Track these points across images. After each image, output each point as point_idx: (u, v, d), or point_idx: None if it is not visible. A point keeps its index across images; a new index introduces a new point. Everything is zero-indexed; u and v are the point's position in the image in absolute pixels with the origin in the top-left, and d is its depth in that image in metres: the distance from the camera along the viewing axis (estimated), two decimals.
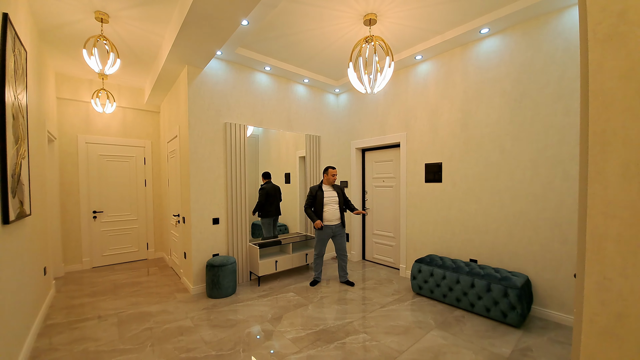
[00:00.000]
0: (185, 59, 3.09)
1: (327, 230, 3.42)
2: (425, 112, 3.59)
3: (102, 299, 3.15)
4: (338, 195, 3.50)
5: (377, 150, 4.39)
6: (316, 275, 3.58)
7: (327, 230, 3.42)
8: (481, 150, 3.06)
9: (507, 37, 2.88)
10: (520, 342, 2.26)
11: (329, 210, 3.42)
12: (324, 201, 3.42)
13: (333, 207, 3.44)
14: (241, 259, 3.58)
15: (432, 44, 3.23)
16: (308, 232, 4.33)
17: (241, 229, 3.57)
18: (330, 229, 3.43)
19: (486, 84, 3.02)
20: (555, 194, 2.56)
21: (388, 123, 4.04)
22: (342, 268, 3.56)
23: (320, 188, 3.48)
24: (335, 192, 3.52)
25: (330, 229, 3.43)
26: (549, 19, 2.60)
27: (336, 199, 3.48)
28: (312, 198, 3.47)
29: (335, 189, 3.53)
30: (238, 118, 3.63)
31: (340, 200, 3.49)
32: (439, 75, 3.44)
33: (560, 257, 2.55)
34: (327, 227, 3.41)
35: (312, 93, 4.49)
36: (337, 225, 3.45)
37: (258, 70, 3.83)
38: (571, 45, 2.49)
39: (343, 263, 3.54)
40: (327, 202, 3.43)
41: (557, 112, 2.56)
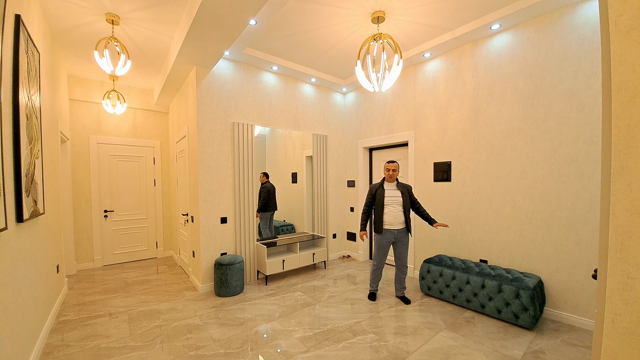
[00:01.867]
0: (193, 60, 3.11)
1: (387, 235, 2.92)
2: (434, 110, 3.54)
3: (113, 297, 3.20)
4: (402, 196, 2.96)
5: (385, 149, 4.35)
6: (372, 287, 3.11)
7: (387, 235, 2.92)
8: (492, 148, 3.01)
9: (518, 33, 2.82)
10: (533, 344, 2.21)
11: (390, 212, 2.92)
12: (384, 201, 2.93)
13: (395, 209, 2.92)
14: (249, 258, 3.59)
15: (442, 41, 3.19)
16: (315, 232, 4.32)
17: (249, 228, 3.59)
18: (391, 233, 2.92)
19: (497, 81, 2.97)
20: (570, 193, 2.50)
21: (396, 122, 4.01)
22: (399, 280, 3.06)
23: (381, 186, 3.02)
24: (399, 191, 2.98)
25: (392, 234, 2.92)
26: (562, 14, 2.54)
27: (399, 199, 2.94)
28: (371, 197, 3.02)
29: (399, 187, 3.00)
30: (246, 118, 3.65)
31: (405, 202, 2.95)
32: (448, 72, 3.39)
33: (575, 258, 2.48)
34: (387, 231, 2.92)
35: (319, 92, 4.49)
36: (400, 230, 2.94)
37: (265, 70, 3.84)
38: (585, 41, 2.42)
39: (402, 275, 3.04)
40: (388, 203, 2.93)
41: (572, 108, 2.49)
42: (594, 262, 2.38)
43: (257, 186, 3.75)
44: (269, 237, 3.91)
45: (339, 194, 4.75)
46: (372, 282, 3.10)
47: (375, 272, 3.06)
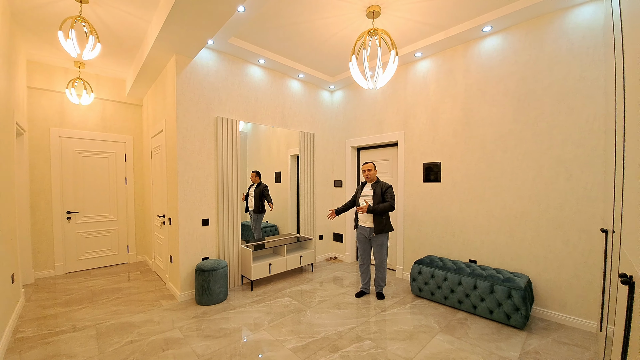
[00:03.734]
0: (173, 47, 2.85)
1: (362, 231, 3.08)
2: (425, 110, 3.52)
3: (77, 309, 2.86)
4: (374, 195, 2.96)
5: (374, 149, 4.29)
6: (361, 286, 3.23)
7: (362, 231, 3.08)
8: (483, 149, 3.02)
9: (510, 35, 2.84)
10: (526, 344, 2.21)
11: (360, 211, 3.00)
12: (357, 200, 3.13)
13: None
14: (233, 263, 3.37)
15: (434, 41, 3.16)
16: (301, 233, 4.17)
17: (233, 231, 3.37)
18: (365, 230, 3.05)
19: (489, 83, 2.98)
20: (558, 194, 2.55)
21: (385, 121, 3.95)
22: (376, 279, 3.15)
23: (363, 186, 3.17)
24: (372, 190, 3.02)
25: (365, 231, 3.05)
26: (553, 18, 2.58)
27: (370, 198, 2.98)
28: (354, 196, 3.25)
29: (373, 186, 3.04)
30: (230, 112, 3.42)
31: (375, 201, 2.94)
32: (439, 73, 3.38)
33: (562, 258, 2.53)
34: (361, 228, 3.09)
35: (306, 89, 4.34)
36: (370, 229, 3.01)
37: (251, 62, 3.63)
38: (574, 46, 2.47)
39: (378, 274, 3.11)
40: (361, 201, 3.07)
41: (561, 111, 2.54)
42: (580, 262, 2.44)
43: (242, 185, 3.54)
44: (254, 239, 3.70)
45: (326, 194, 4.63)
46: (361, 280, 3.26)
47: (361, 269, 3.22)
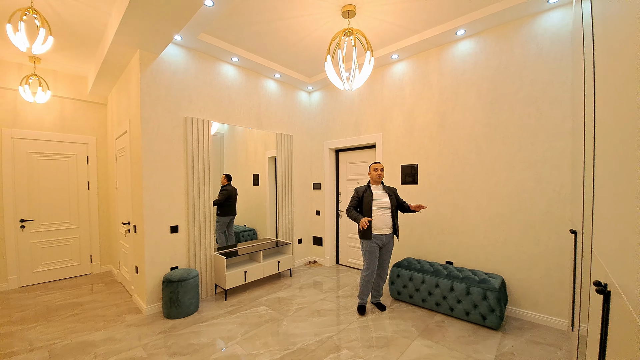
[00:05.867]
0: (136, 42, 2.66)
1: (376, 240, 2.72)
2: (401, 112, 3.52)
3: (32, 327, 2.59)
4: (390, 198, 2.78)
5: (352, 151, 4.25)
6: (362, 300, 2.84)
7: (376, 240, 2.72)
8: (457, 152, 3.05)
9: (482, 40, 2.89)
10: (502, 345, 2.23)
11: (378, 216, 2.71)
12: (372, 204, 2.72)
13: (384, 213, 2.73)
14: (205, 271, 3.19)
15: (409, 43, 3.16)
16: (280, 238, 4.05)
17: (205, 238, 3.19)
18: (379, 239, 2.72)
19: (462, 86, 3.02)
20: (529, 196, 2.60)
21: (363, 123, 3.93)
22: (377, 287, 2.93)
23: (368, 188, 2.81)
24: (387, 194, 2.80)
25: (380, 240, 2.73)
26: (523, 23, 2.64)
27: (387, 202, 2.75)
28: (357, 200, 2.78)
29: (386, 190, 2.83)
30: (201, 113, 3.25)
31: (392, 205, 2.77)
32: (415, 75, 3.39)
33: (534, 258, 2.59)
34: (376, 236, 2.71)
35: (283, 89, 4.23)
36: (387, 235, 2.76)
37: (224, 60, 3.48)
38: (543, 51, 2.54)
39: (381, 282, 2.91)
40: (377, 206, 2.72)
41: (530, 115, 2.60)
42: (551, 262, 2.50)
43: (215, 190, 3.37)
44: (226, 244, 3.54)
45: (305, 196, 4.54)
46: (363, 294, 2.82)
47: (368, 283, 2.77)
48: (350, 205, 2.78)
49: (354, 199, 2.79)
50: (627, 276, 0.72)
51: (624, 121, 0.85)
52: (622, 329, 0.77)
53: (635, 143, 0.82)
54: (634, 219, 0.63)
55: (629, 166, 0.76)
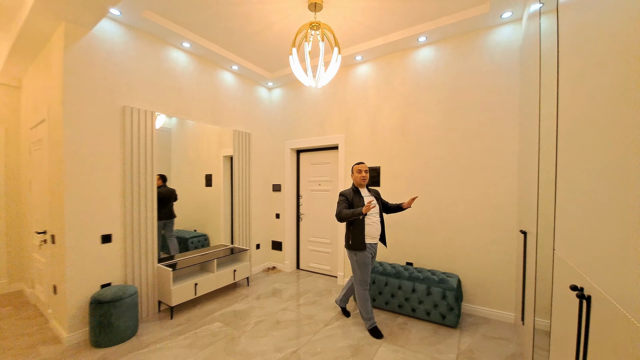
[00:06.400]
0: (61, 13, 2.17)
1: (370, 249, 2.45)
2: (365, 114, 3.50)
3: None
4: (378, 202, 2.55)
5: (314, 151, 4.13)
6: (372, 319, 2.47)
7: (370, 249, 2.45)
8: (419, 155, 3.12)
9: (442, 48, 3.00)
10: (461, 343, 2.29)
11: (371, 224, 2.44)
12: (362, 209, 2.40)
13: (376, 219, 2.49)
14: (146, 287, 2.75)
15: (374, 45, 3.15)
16: (236, 243, 3.74)
17: (146, 248, 2.76)
18: (372, 248, 2.47)
19: (424, 91, 3.10)
20: (484, 198, 2.76)
21: (326, 124, 3.83)
22: (350, 293, 2.74)
23: (357, 192, 2.51)
24: (374, 197, 2.55)
25: (373, 249, 2.48)
26: (478, 36, 2.80)
27: (377, 207, 2.50)
28: (347, 204, 2.46)
29: (372, 193, 2.59)
30: (144, 102, 2.81)
31: (380, 209, 2.56)
32: (378, 78, 3.40)
33: (489, 257, 2.74)
34: (369, 246, 2.45)
35: (242, 84, 3.93)
36: (376, 244, 2.53)
37: (173, 45, 3.08)
38: (495, 63, 2.71)
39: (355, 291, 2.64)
40: (370, 212, 2.45)
41: (486, 122, 2.76)
42: (501, 260, 2.67)
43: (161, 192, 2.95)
44: (177, 254, 3.13)
45: (264, 199, 4.28)
46: (368, 313, 2.46)
47: (367, 300, 2.46)
48: (341, 208, 2.43)
49: (342, 202, 2.45)
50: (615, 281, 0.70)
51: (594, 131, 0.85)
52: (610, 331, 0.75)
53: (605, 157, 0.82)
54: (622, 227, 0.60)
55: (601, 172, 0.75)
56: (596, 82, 0.88)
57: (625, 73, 0.70)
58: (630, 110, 0.66)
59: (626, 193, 0.68)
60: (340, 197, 2.50)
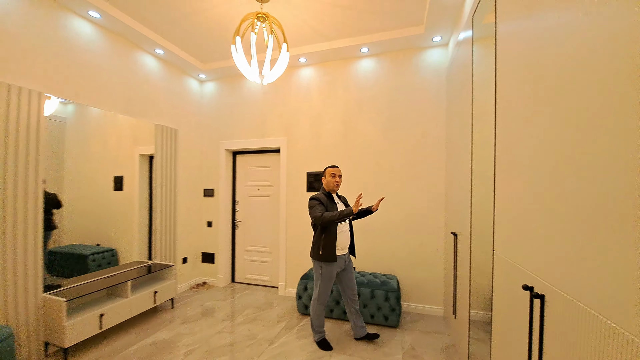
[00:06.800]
0: None
1: (339, 262, 2.26)
2: (308, 118, 3.43)
3: None
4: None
5: (253, 154, 3.85)
6: (321, 332, 2.35)
7: (339, 263, 2.26)
8: (360, 161, 3.20)
9: (382, 61, 3.17)
10: (404, 342, 2.40)
11: (343, 232, 2.28)
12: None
13: (346, 228, 2.33)
14: (26, 325, 2.03)
15: (319, 49, 3.12)
16: (156, 259, 3.15)
17: (25, 273, 2.05)
18: (342, 261, 2.29)
19: (365, 101, 3.21)
20: (415, 204, 2.99)
21: (267, 125, 3.61)
22: (357, 317, 2.39)
23: (330, 197, 2.31)
24: (343, 204, 2.40)
25: (342, 261, 2.30)
26: (412, 54, 3.05)
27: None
28: (324, 206, 2.24)
29: (342, 200, 2.42)
30: (28, 78, 2.11)
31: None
32: (322, 83, 3.38)
33: (421, 257, 2.98)
34: (340, 258, 2.27)
35: (168, 71, 3.39)
36: (346, 255, 2.35)
37: (76, 12, 2.42)
38: (426, 80, 3.00)
39: (357, 307, 2.39)
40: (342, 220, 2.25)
41: (416, 134, 3.01)
42: (433, 259, 2.93)
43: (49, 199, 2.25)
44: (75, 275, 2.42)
45: (193, 205, 3.76)
46: (319, 326, 2.34)
47: (321, 315, 2.32)
48: (321, 211, 2.19)
49: (319, 206, 2.22)
50: (571, 280, 0.77)
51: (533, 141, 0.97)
52: (567, 327, 0.83)
53: (535, 174, 0.94)
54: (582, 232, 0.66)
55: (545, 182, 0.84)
56: (532, 91, 1.00)
57: (559, 83, 0.84)
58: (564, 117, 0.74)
59: (554, 203, 0.83)
60: (314, 201, 2.26)
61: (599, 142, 0.69)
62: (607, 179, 0.66)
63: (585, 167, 0.74)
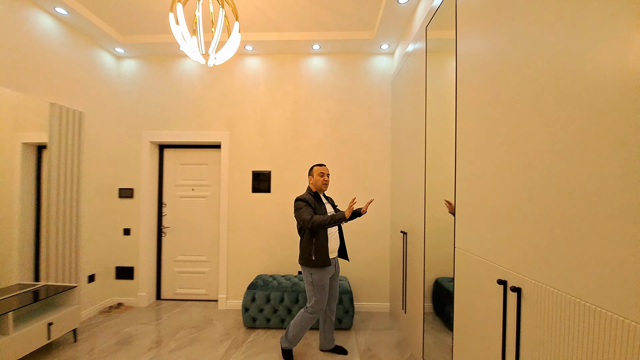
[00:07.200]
0: None
1: (330, 267, 2.10)
2: (254, 112, 3.16)
3: None
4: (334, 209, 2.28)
5: (186, 149, 3.33)
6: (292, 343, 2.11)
7: (330, 268, 2.10)
8: (310, 161, 3.10)
9: (332, 60, 3.14)
10: (359, 343, 2.39)
11: (333, 235, 2.15)
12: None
13: (335, 230, 2.20)
14: None
15: (269, 39, 2.91)
16: (51, 280, 2.40)
17: None
18: (333, 264, 2.13)
19: (314, 99, 3.13)
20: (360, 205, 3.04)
21: (205, 117, 3.18)
22: (330, 327, 2.24)
23: (317, 198, 2.16)
24: (331, 205, 2.27)
25: (333, 265, 2.15)
26: (362, 58, 3.12)
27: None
28: (312, 208, 2.07)
29: (330, 201, 2.30)
30: None
31: None
32: (270, 77, 3.16)
33: (369, 256, 3.05)
34: (333, 260, 2.16)
35: (73, 39, 2.65)
36: (336, 258, 2.22)
37: None
38: (374, 86, 3.11)
39: (333, 317, 2.24)
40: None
41: (364, 135, 3.09)
42: (380, 258, 3.03)
43: None
44: None
45: (104, 209, 3.02)
46: (296, 338, 2.10)
47: (308, 327, 2.09)
48: (310, 213, 2.03)
49: (307, 208, 2.06)
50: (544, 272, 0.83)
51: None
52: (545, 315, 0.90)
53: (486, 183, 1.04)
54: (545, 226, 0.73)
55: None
56: (491, 98, 1.09)
57: (515, 93, 0.98)
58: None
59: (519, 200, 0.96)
60: (301, 202, 2.08)
61: (559, 142, 0.83)
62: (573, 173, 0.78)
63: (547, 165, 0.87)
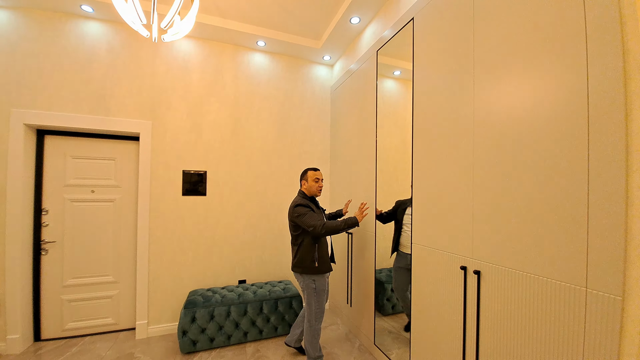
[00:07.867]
0: None
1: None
2: (185, 102, 2.73)
3: None
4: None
5: (83, 137, 2.54)
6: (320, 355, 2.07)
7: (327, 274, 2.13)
8: (251, 162, 2.94)
9: (276, 61, 3.09)
10: None
11: (326, 241, 2.16)
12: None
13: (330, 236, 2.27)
14: None
15: (209, 22, 2.58)
16: None
17: None
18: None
19: (257, 97, 2.99)
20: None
21: (115, 99, 2.51)
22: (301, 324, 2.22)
23: (315, 204, 2.15)
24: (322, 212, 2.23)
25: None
26: (304, 64, 3.20)
27: None
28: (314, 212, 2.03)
29: (320, 207, 2.23)
30: None
31: None
32: (206, 65, 2.81)
33: None
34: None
35: None
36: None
37: None
38: (316, 93, 3.24)
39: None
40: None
41: (306, 141, 3.18)
42: None
43: None
44: None
45: None
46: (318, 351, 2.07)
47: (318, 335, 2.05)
48: (318, 219, 1.97)
49: (311, 212, 2.00)
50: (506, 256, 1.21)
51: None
52: (503, 292, 1.26)
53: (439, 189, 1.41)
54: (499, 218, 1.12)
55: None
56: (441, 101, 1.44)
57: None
58: None
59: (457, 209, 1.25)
60: (303, 208, 2.01)
61: (506, 148, 1.18)
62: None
63: (495, 163, 1.21)
